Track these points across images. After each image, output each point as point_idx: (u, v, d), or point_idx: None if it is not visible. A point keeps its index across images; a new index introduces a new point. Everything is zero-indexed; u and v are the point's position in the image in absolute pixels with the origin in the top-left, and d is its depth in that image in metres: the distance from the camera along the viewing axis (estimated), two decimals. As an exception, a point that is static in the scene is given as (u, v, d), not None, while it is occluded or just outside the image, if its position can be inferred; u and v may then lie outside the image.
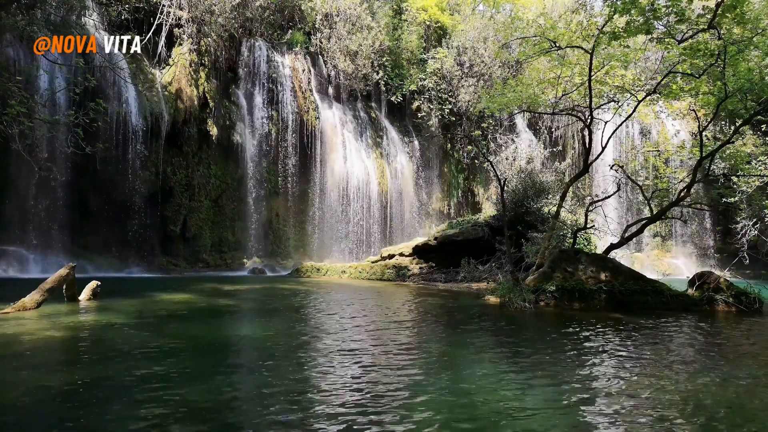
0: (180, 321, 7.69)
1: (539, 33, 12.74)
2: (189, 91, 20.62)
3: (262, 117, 22.79)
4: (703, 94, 12.56)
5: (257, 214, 22.57)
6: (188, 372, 4.61)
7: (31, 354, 5.16)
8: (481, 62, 27.14)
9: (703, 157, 11.98)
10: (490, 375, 4.65)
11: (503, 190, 12.31)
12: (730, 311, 9.62)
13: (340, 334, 6.77)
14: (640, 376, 4.75)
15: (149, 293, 11.04)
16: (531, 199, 17.49)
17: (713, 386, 4.45)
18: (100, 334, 6.35)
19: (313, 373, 4.63)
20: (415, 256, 18.72)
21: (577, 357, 5.58)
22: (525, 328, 7.87)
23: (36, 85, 16.25)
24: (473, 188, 28.84)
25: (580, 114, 14.90)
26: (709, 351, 6.11)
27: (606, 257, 11.59)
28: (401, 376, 4.53)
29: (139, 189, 18.83)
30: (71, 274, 8.76)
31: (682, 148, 21.94)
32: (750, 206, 20.10)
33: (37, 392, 3.94)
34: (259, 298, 11.46)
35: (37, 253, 16.85)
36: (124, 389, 4.06)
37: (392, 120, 27.62)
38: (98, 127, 15.29)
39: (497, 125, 27.91)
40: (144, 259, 19.00)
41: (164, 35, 20.56)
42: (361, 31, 25.21)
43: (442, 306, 10.33)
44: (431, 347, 6.10)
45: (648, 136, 28.34)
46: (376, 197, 24.78)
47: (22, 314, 7.45)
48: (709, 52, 10.48)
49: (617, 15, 10.44)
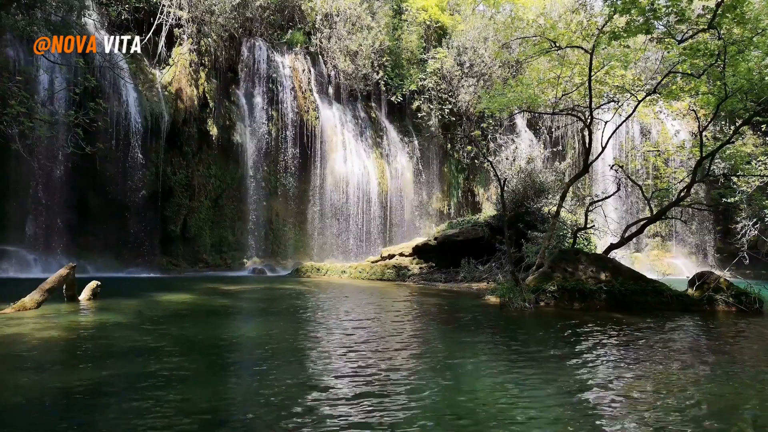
0: (180, 321, 7.68)
1: (539, 33, 12.74)
2: (189, 91, 20.62)
3: (262, 117, 22.80)
4: (703, 94, 12.57)
5: (257, 214, 22.57)
6: (188, 372, 4.61)
7: (31, 354, 5.16)
8: (481, 62, 27.15)
9: (703, 157, 11.98)
10: (490, 375, 4.65)
11: (503, 190, 12.31)
12: (730, 311, 9.62)
13: (339, 334, 6.77)
14: (640, 376, 4.75)
15: (149, 293, 11.04)
16: (531, 199, 17.50)
17: (713, 386, 4.45)
18: (100, 335, 6.35)
19: (313, 373, 4.63)
20: (415, 256, 18.72)
21: (577, 357, 5.58)
22: (525, 328, 7.87)
23: (36, 85, 16.25)
24: (473, 188, 28.84)
25: (580, 114, 14.90)
26: (709, 351, 6.11)
27: (606, 257, 11.59)
28: (401, 376, 4.53)
29: (139, 189, 18.83)
30: (71, 274, 8.76)
31: (682, 148, 21.96)
32: (750, 206, 20.11)
33: (36, 392, 3.94)
34: (259, 299, 11.46)
35: (37, 253, 16.85)
36: (123, 389, 4.06)
37: (392, 120, 27.62)
38: (98, 127, 15.30)
39: (497, 125, 27.91)
40: (144, 259, 19.00)
41: (164, 35, 20.56)
42: (361, 31, 25.22)
43: (442, 306, 10.33)
44: (431, 347, 6.10)
45: (648, 136, 28.34)
46: (376, 197, 24.79)
47: (22, 314, 7.45)
48: (709, 52, 10.47)
49: (617, 15, 10.44)
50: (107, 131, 17.50)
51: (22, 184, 16.69)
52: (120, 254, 18.63)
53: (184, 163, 20.60)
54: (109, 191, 18.42)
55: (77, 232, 17.95)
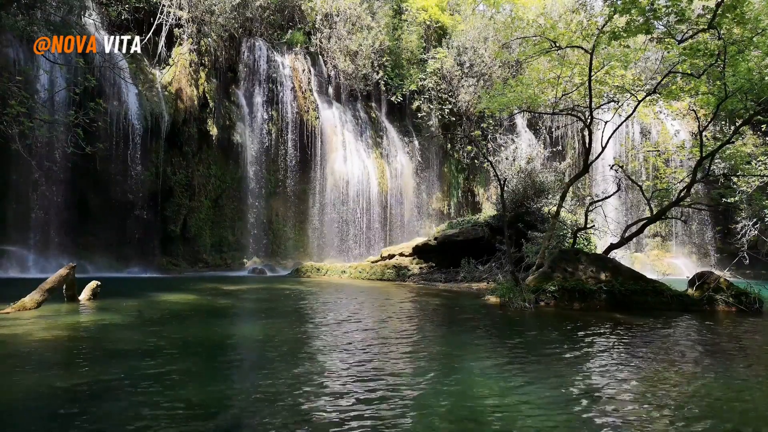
0: (180, 321, 7.68)
1: (539, 33, 12.74)
2: (189, 91, 20.62)
3: (262, 117, 22.80)
4: (703, 94, 12.56)
5: (257, 214, 22.57)
6: (188, 372, 4.61)
7: (31, 354, 5.16)
8: (481, 62, 27.15)
9: (703, 157, 11.98)
10: (489, 375, 4.65)
11: (503, 190, 12.31)
12: (730, 311, 9.62)
13: (339, 334, 6.77)
14: (641, 376, 4.75)
15: (149, 293, 11.04)
16: (531, 199, 17.50)
17: (713, 386, 4.45)
18: (99, 334, 6.35)
19: (314, 374, 4.63)
20: (415, 256, 18.72)
21: (577, 357, 5.58)
22: (525, 328, 7.87)
23: (36, 85, 16.25)
24: (473, 188, 28.84)
25: (580, 114, 14.90)
26: (709, 351, 6.10)
27: (606, 257, 11.59)
28: (401, 376, 4.53)
29: (139, 189, 18.83)
30: (71, 274, 8.76)
31: (682, 148, 21.94)
32: (750, 206, 20.09)
33: (36, 392, 3.94)
34: (259, 298, 11.46)
35: (37, 253, 16.85)
36: (123, 389, 4.06)
37: (392, 120, 27.62)
38: (98, 127, 15.31)
39: (497, 125, 27.91)
40: (144, 259, 18.99)
41: (164, 35, 20.57)
42: (361, 31, 25.22)
43: (442, 306, 10.33)
44: (431, 347, 6.10)
45: (648, 136, 28.34)
46: (376, 197, 24.79)
47: (22, 314, 7.45)
48: (709, 52, 10.48)
49: (617, 15, 10.44)
50: (107, 131, 17.50)
51: (22, 184, 16.69)
52: (120, 254, 18.63)
53: (184, 163, 20.60)
54: (109, 191, 18.42)
55: (77, 232, 17.95)
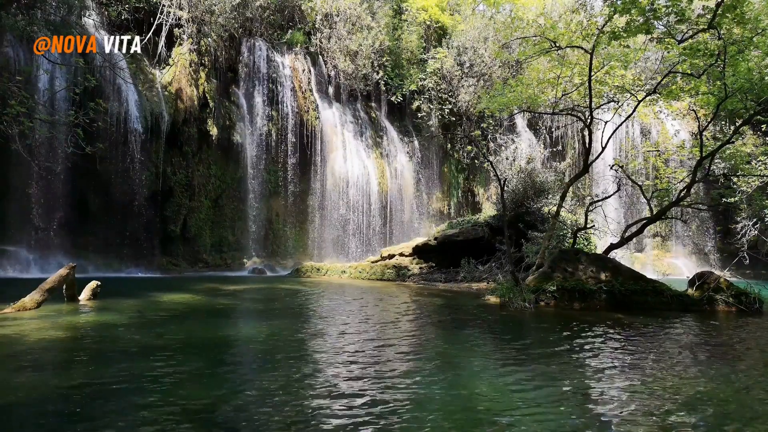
0: (180, 321, 7.68)
1: (539, 33, 12.74)
2: (189, 91, 20.62)
3: (262, 117, 22.80)
4: (703, 94, 12.56)
5: (257, 214, 22.57)
6: (188, 372, 4.61)
7: (31, 354, 5.16)
8: (481, 62, 27.15)
9: (703, 157, 11.98)
10: (489, 375, 4.65)
11: (503, 190, 12.31)
12: (730, 311, 9.62)
13: (339, 334, 6.77)
14: (641, 376, 4.75)
15: (149, 293, 11.04)
16: (531, 199, 17.49)
17: (713, 385, 4.45)
18: (100, 334, 6.35)
19: (314, 373, 4.63)
20: (415, 256, 18.72)
21: (578, 357, 5.58)
22: (525, 328, 7.87)
23: (36, 85, 16.25)
24: (473, 188, 28.84)
25: (580, 114, 14.89)
26: (709, 351, 6.11)
27: (606, 257, 11.59)
28: (401, 376, 4.53)
29: (139, 189, 18.83)
30: (71, 274, 8.76)
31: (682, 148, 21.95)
32: (750, 206, 20.10)
33: (36, 392, 3.93)
34: (259, 299, 11.46)
35: (37, 253, 16.85)
36: (123, 389, 4.06)
37: (392, 120, 27.62)
38: (98, 127, 15.30)
39: (497, 125, 27.91)
40: (144, 259, 19.00)
41: (164, 35, 20.57)
42: (361, 31, 25.22)
43: (442, 306, 10.33)
44: (431, 347, 6.10)
45: (648, 136, 28.34)
46: (376, 197, 24.79)
47: (22, 314, 7.45)
48: (709, 52, 10.48)
49: (617, 15, 10.44)
50: (107, 131, 17.49)
51: (22, 184, 16.69)
52: (120, 254, 18.63)
53: (184, 163, 20.60)
54: (109, 191, 18.42)
55: (77, 232, 17.95)
